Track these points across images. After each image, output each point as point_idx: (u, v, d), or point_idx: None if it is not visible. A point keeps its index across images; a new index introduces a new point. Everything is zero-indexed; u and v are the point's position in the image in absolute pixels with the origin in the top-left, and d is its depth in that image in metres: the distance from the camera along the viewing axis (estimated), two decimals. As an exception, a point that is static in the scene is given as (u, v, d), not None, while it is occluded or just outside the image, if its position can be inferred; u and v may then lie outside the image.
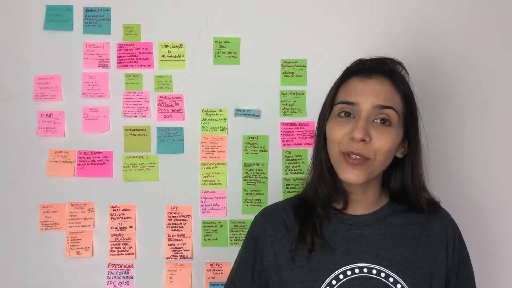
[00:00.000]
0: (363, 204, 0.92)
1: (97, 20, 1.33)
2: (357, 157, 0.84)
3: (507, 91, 1.33)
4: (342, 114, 0.87)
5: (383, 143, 0.83)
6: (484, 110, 1.33)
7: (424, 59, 1.33)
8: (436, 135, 1.31)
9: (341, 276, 0.85)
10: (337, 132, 0.86)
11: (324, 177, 0.91)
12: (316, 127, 0.95)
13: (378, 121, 0.85)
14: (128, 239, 1.30)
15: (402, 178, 0.92)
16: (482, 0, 1.33)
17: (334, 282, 0.84)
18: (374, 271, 0.85)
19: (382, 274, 0.85)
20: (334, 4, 1.33)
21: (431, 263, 0.88)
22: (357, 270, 0.85)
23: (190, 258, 1.30)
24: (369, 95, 0.85)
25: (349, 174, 0.84)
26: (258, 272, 0.92)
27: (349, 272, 0.85)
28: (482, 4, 1.33)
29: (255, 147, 1.32)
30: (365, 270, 0.85)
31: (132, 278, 1.30)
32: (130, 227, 1.31)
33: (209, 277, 1.29)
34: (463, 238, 0.96)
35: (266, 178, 1.32)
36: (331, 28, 1.33)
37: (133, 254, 1.30)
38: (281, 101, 1.33)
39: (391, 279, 0.85)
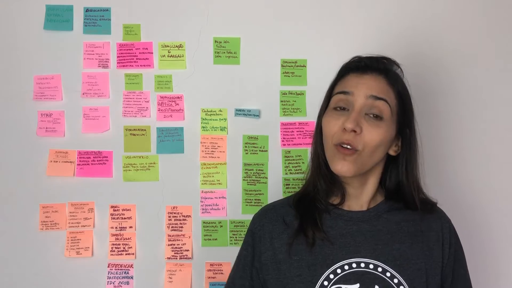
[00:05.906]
0: (360, 200, 0.93)
1: (97, 20, 1.33)
2: (348, 147, 0.86)
3: (504, 91, 1.33)
4: (338, 108, 0.89)
5: (373, 136, 0.86)
6: (482, 109, 1.33)
7: (423, 58, 1.33)
8: (434, 134, 1.31)
9: (339, 271, 0.86)
10: (332, 125, 0.88)
11: (321, 170, 0.94)
12: (316, 122, 0.98)
13: (371, 115, 0.87)
14: (128, 239, 1.30)
15: (397, 176, 0.94)
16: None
17: (331, 276, 0.86)
18: (371, 266, 0.87)
19: (379, 269, 0.86)
20: (334, 4, 1.33)
21: (427, 259, 0.89)
22: (354, 265, 0.87)
23: (190, 258, 1.30)
24: (363, 86, 0.88)
25: (340, 165, 0.86)
26: (256, 270, 0.93)
27: (346, 267, 0.87)
28: (483, 2, 1.33)
29: (255, 147, 1.32)
30: (362, 264, 0.87)
31: (132, 278, 1.30)
32: (130, 227, 1.31)
33: (209, 277, 1.29)
34: (462, 238, 0.96)
35: (266, 178, 1.32)
36: (331, 28, 1.33)
37: (133, 254, 1.30)
38: (281, 101, 1.33)
39: (388, 274, 0.86)
